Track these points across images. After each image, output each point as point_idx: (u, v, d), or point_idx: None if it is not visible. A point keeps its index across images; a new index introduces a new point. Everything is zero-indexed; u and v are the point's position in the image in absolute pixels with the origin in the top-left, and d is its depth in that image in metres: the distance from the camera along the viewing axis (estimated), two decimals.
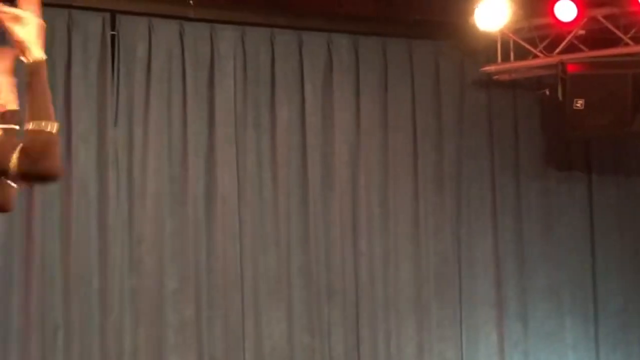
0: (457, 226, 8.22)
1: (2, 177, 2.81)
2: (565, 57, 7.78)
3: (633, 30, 7.67)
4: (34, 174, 2.76)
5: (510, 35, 7.85)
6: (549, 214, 8.50)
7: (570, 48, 7.81)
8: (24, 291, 6.86)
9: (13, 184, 2.95)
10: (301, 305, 7.67)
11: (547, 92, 8.15)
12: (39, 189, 6.94)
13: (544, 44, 7.86)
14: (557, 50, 7.82)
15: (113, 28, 7.33)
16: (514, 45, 7.91)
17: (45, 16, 7.64)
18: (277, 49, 7.80)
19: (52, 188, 7.02)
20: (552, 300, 8.40)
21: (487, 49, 8.04)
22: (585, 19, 7.62)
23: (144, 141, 7.33)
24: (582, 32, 7.74)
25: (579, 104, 7.70)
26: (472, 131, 8.34)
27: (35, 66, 2.89)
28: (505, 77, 8.16)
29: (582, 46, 7.82)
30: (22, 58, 2.90)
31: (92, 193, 7.14)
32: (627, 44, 7.71)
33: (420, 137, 8.17)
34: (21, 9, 2.91)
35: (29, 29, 2.90)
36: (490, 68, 8.06)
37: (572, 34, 7.72)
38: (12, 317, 6.82)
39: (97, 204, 7.13)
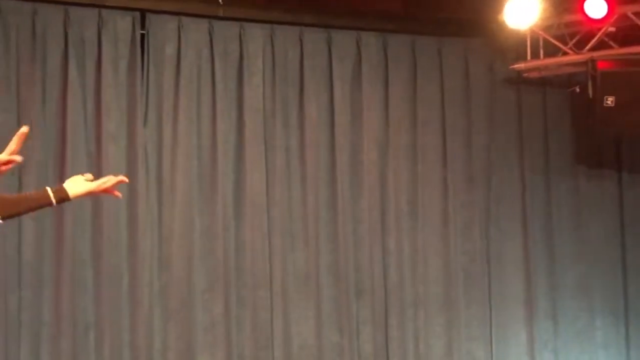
0: (487, 224, 8.19)
1: None
2: (595, 54, 7.73)
3: None
4: None
5: (540, 32, 7.81)
6: (579, 212, 8.45)
7: (601, 45, 7.76)
8: (55, 289, 6.91)
9: None
10: (330, 304, 7.67)
11: (577, 90, 8.10)
12: None
13: (574, 41, 7.82)
14: (587, 47, 7.77)
15: (143, 27, 7.36)
16: (544, 42, 7.87)
17: (75, 16, 7.74)
18: (305, 48, 7.80)
19: None
20: (582, 299, 8.35)
21: (516, 46, 8.01)
22: (615, 16, 7.56)
23: (173, 140, 7.36)
24: (612, 29, 7.69)
25: (610, 101, 7.65)
26: (502, 129, 8.31)
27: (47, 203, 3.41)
28: (535, 74, 8.12)
29: (612, 43, 7.78)
30: (50, 191, 3.40)
31: (122, 192, 7.08)
32: None
33: (449, 135, 8.14)
34: None
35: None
36: (520, 65, 8.02)
37: (602, 31, 7.67)
38: (44, 315, 6.87)
39: (127, 202, 7.15)
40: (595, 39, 7.71)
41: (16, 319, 6.80)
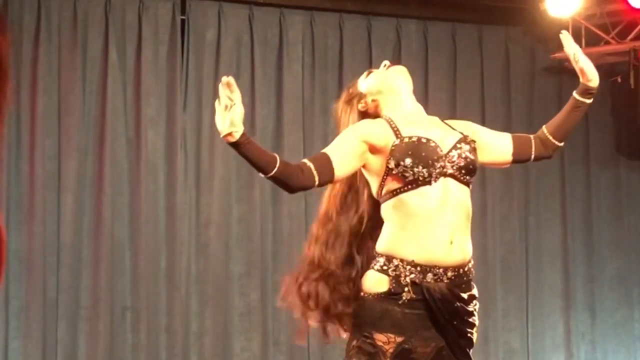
0: (525, 214, 8.14)
1: None
2: (637, 44, 7.65)
3: None
4: None
5: (582, 21, 7.74)
6: (619, 203, 8.38)
7: None
8: (93, 272, 6.97)
9: None
10: None
11: (619, 80, 8.02)
12: (108, 173, 7.03)
13: (616, 30, 7.74)
14: (630, 36, 7.69)
15: (183, 13, 7.38)
16: (586, 31, 7.79)
17: (116, 1, 7.74)
18: (345, 34, 7.79)
19: (122, 171, 7.10)
20: (620, 291, 8.28)
21: (558, 35, 7.90)
22: None
23: (212, 126, 7.24)
24: None
25: None
26: (542, 118, 8.12)
27: None
28: None
29: None
30: None
31: (161, 177, 7.21)
32: None
33: (489, 124, 8.01)
34: None
35: None
36: (561, 54, 7.92)
37: None
38: (81, 297, 6.93)
39: (165, 187, 7.19)
40: (638, 28, 7.63)
41: (54, 300, 6.87)
